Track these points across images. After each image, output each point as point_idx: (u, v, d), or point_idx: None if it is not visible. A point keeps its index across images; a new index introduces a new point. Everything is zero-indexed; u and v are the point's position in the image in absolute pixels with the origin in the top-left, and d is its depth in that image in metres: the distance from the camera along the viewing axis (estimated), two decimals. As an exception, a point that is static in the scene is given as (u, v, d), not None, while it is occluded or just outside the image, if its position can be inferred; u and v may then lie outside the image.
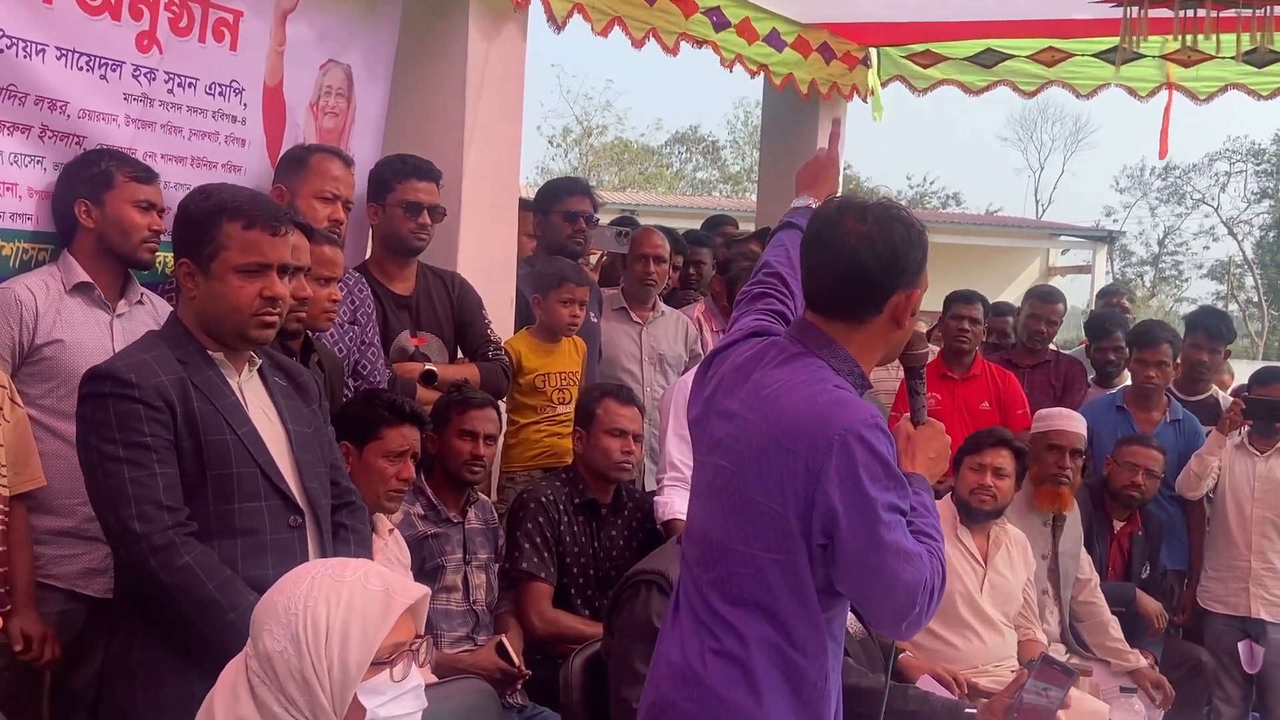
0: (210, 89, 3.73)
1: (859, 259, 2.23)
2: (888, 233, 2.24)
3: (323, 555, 2.62)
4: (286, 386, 2.78)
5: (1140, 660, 4.84)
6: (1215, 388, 6.00)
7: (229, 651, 1.92)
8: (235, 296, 2.59)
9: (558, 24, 4.74)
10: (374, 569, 1.91)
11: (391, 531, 3.53)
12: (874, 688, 3.09)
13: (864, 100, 6.87)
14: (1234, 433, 5.31)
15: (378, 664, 1.84)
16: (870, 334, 2.30)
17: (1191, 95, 6.20)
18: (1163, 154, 6.67)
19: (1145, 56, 5.99)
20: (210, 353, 2.63)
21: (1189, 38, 4.87)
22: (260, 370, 2.73)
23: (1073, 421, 4.92)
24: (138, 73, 3.49)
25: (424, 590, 1.90)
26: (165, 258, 3.58)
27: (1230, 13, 4.71)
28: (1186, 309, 48.66)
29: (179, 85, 3.63)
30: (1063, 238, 23.62)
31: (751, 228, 7.00)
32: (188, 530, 2.48)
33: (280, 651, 1.82)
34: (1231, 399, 5.47)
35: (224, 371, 2.64)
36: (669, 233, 5.50)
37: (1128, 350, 5.81)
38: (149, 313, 3.27)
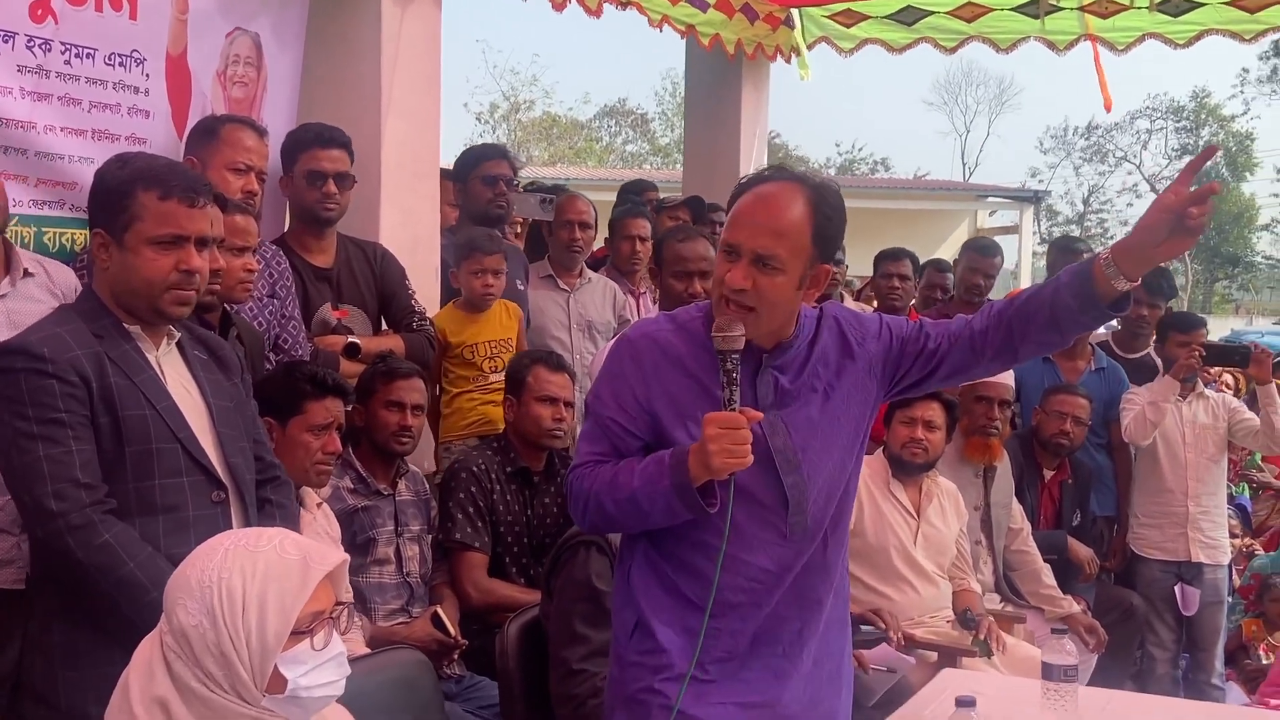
0: (110, 59, 3.61)
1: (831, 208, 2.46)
2: (837, 198, 2.45)
3: (246, 529, 2.56)
4: (207, 360, 2.71)
5: (1073, 606, 4.92)
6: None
7: (152, 630, 1.87)
8: (149, 269, 2.52)
9: (477, -13, 4.67)
10: (290, 538, 1.87)
11: (320, 505, 3.47)
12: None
13: (788, 61, 6.86)
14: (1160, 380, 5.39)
15: (297, 633, 1.81)
16: (805, 296, 2.46)
17: (1110, 46, 6.25)
18: (1108, 106, 6.68)
19: (1064, 9, 6.03)
20: (127, 326, 2.56)
21: (1106, -12, 4.90)
22: (179, 344, 2.66)
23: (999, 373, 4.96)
24: (32, 44, 3.36)
25: (342, 557, 1.87)
26: (73, 234, 3.49)
27: (1145, -37, 4.75)
28: (1113, 266, 49.47)
29: (76, 56, 3.50)
30: (990, 199, 23.92)
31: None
32: (106, 508, 2.42)
33: (195, 626, 1.78)
34: (1189, 345, 5.46)
35: (141, 345, 2.57)
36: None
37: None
38: (40, 285, 3.07)
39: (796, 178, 2.39)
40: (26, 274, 3.03)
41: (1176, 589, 5.37)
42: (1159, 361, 5.75)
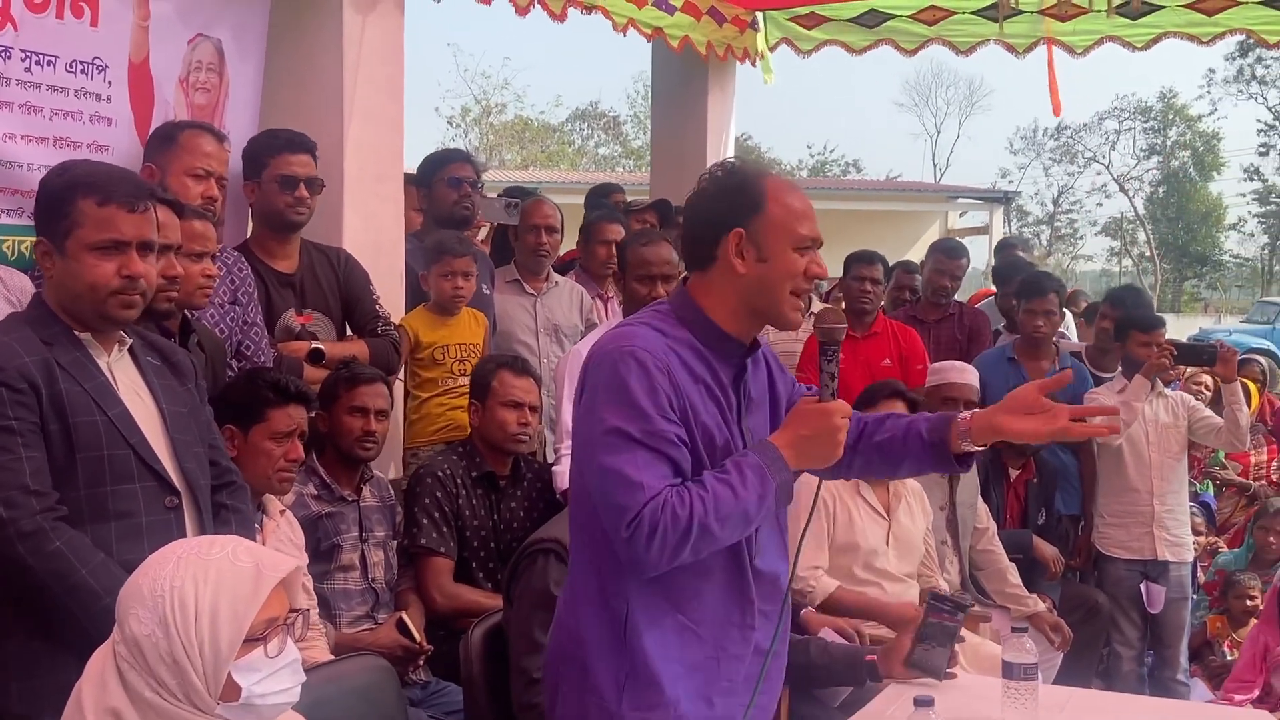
0: (71, 66, 3.60)
1: (689, 210, 2.43)
2: (709, 181, 2.40)
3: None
4: (160, 366, 2.70)
5: (1039, 605, 4.95)
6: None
7: (106, 638, 1.86)
8: (91, 275, 2.51)
9: (440, -9, 4.69)
10: (243, 545, 1.87)
11: (283, 512, 3.46)
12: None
13: (753, 65, 6.89)
14: (1120, 379, 5.44)
15: (251, 640, 1.81)
16: (715, 281, 2.36)
17: (1069, 49, 6.32)
18: (1056, 111, 6.78)
19: (1024, 12, 6.08)
20: (77, 333, 2.55)
21: (1064, -8, 4.96)
22: (131, 350, 2.65)
23: (964, 374, 4.99)
24: (-9, 51, 3.36)
25: (295, 563, 1.87)
26: (33, 242, 3.47)
27: (1104, -33, 4.81)
28: (1083, 266, 50.00)
29: (37, 63, 3.49)
30: (960, 200, 24.07)
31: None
32: (57, 515, 2.41)
33: (148, 635, 1.78)
34: (1159, 345, 5.51)
35: (92, 352, 2.56)
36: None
37: (1017, 300, 5.91)
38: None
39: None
40: None
41: (1142, 587, 5.40)
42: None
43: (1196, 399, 5.85)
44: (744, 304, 2.34)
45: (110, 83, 3.73)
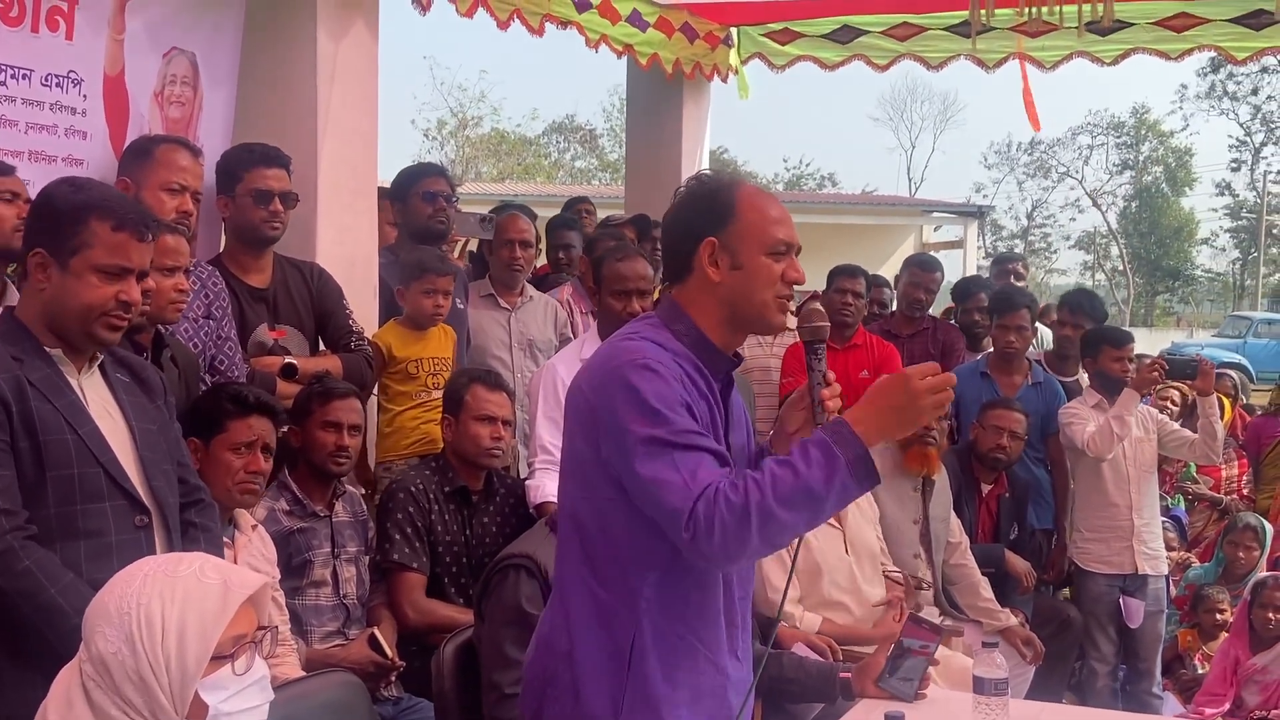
0: (46, 80, 3.59)
1: (666, 222, 2.48)
2: (683, 193, 2.44)
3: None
4: (130, 383, 2.69)
5: (1011, 619, 4.97)
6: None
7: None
8: (90, 295, 2.51)
9: (422, 5, 4.71)
10: (210, 562, 1.86)
11: (255, 528, 3.45)
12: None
13: (724, 81, 6.93)
14: (1090, 394, 5.48)
15: (218, 658, 1.80)
16: (694, 292, 2.37)
17: (1038, 64, 6.38)
18: (1035, 126, 6.83)
19: (996, 29, 6.13)
20: (48, 349, 2.54)
21: (1034, 10, 4.99)
22: (101, 367, 2.65)
23: (936, 387, 5.01)
24: (-35, 65, 3.35)
25: (263, 580, 1.86)
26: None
27: (1073, -15, 4.86)
28: (1057, 280, 50.31)
29: (12, 77, 3.49)
30: (935, 214, 24.20)
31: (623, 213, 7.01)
32: (27, 534, 2.40)
33: (115, 653, 1.77)
34: (1151, 359, 5.50)
35: (63, 369, 2.55)
36: (528, 213, 5.47)
37: (990, 316, 5.95)
38: None
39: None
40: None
41: (1121, 601, 5.41)
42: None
43: (1163, 413, 5.90)
44: (727, 313, 2.35)
45: (85, 96, 3.73)
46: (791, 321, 2.72)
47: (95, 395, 2.59)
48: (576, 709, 2.31)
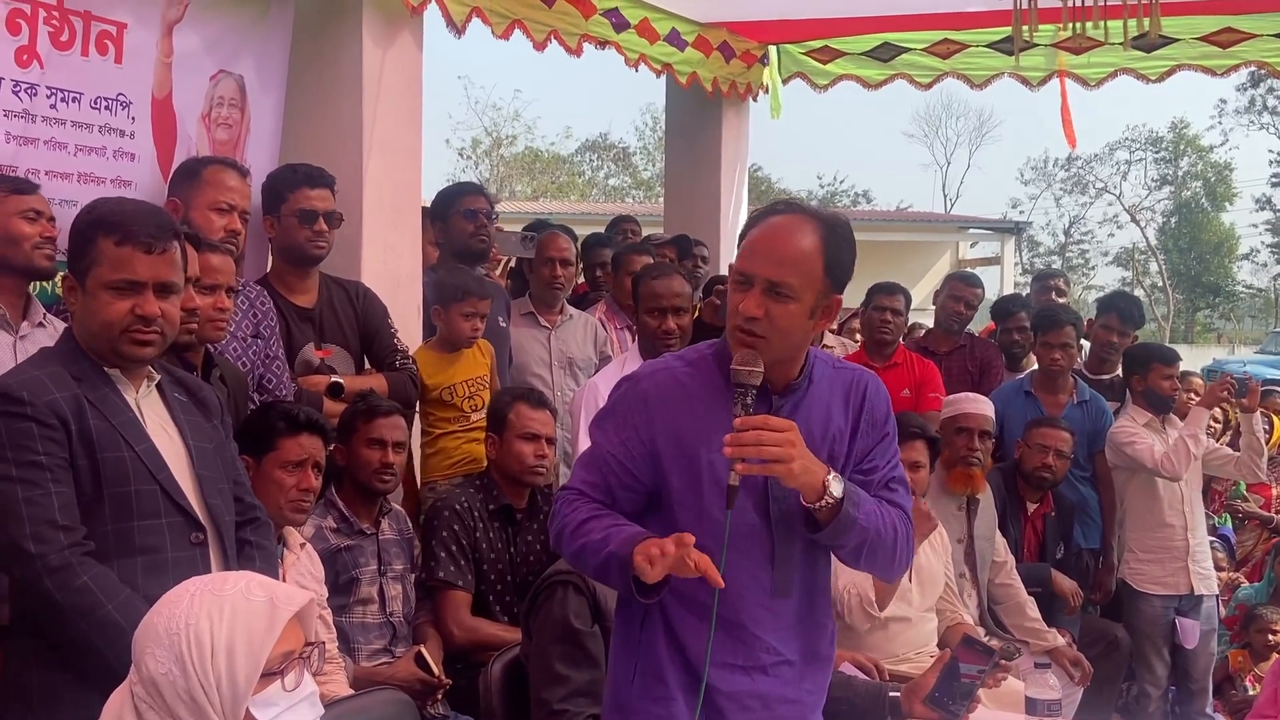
0: (96, 103, 3.65)
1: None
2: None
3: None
4: (187, 402, 2.72)
5: (1058, 639, 4.91)
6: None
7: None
8: (106, 313, 2.53)
9: (458, 28, 4.71)
10: (256, 580, 1.87)
11: (303, 546, 3.46)
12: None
13: (754, 100, 6.94)
14: (1137, 411, 5.42)
15: (268, 675, 1.81)
16: None
17: (1082, 82, 6.33)
18: (1071, 143, 6.78)
19: (1039, 45, 6.10)
20: (106, 369, 2.57)
21: (1078, 25, 4.96)
22: (159, 386, 2.67)
23: (979, 404, 4.98)
24: (18, 88, 3.40)
25: (309, 596, 1.87)
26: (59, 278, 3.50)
27: (1117, 1, 4.81)
28: (1095, 296, 49.90)
29: (62, 100, 3.55)
30: (971, 231, 24.07)
31: (662, 230, 7.01)
32: (85, 550, 2.42)
33: (165, 674, 1.77)
34: (1221, 376, 5.46)
35: (120, 388, 2.58)
36: (569, 232, 5.48)
37: (1032, 333, 5.90)
38: (49, 335, 3.14)
39: (807, 210, 2.42)
40: (40, 324, 3.15)
41: (1176, 622, 5.34)
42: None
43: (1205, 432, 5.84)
44: None
45: (134, 119, 3.78)
46: None
47: (153, 413, 2.61)
48: (616, 673, 2.52)
